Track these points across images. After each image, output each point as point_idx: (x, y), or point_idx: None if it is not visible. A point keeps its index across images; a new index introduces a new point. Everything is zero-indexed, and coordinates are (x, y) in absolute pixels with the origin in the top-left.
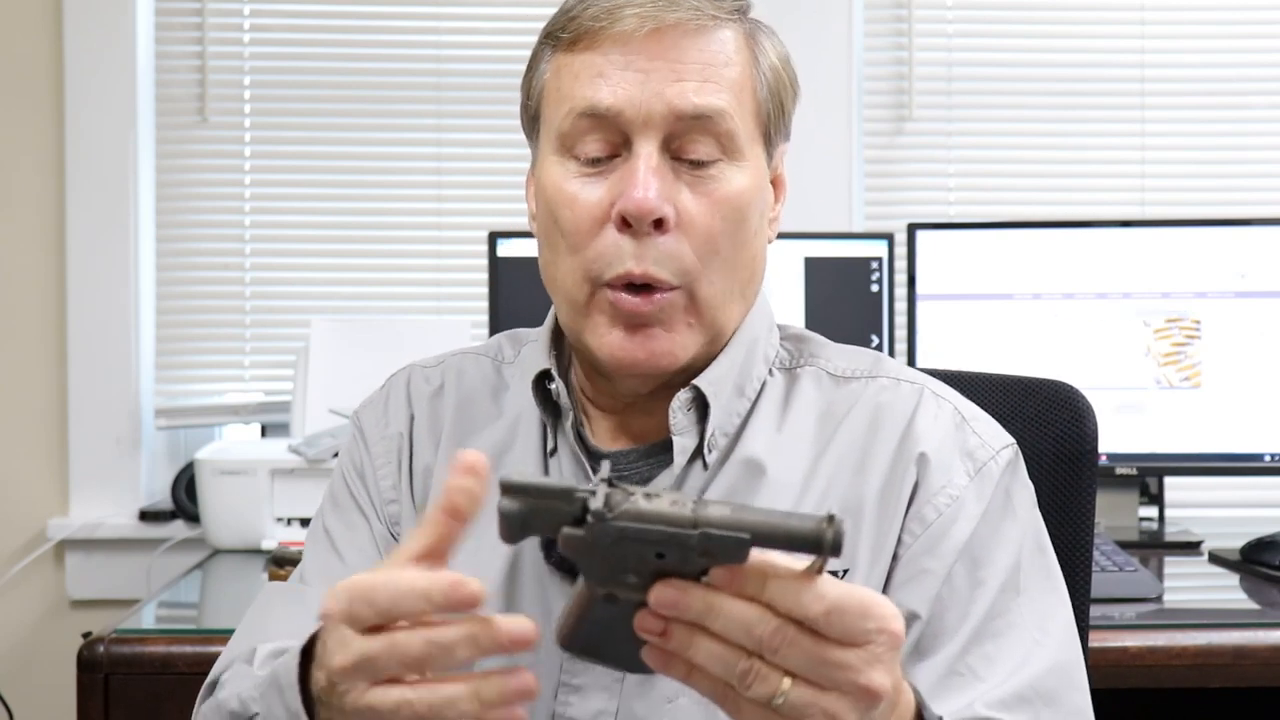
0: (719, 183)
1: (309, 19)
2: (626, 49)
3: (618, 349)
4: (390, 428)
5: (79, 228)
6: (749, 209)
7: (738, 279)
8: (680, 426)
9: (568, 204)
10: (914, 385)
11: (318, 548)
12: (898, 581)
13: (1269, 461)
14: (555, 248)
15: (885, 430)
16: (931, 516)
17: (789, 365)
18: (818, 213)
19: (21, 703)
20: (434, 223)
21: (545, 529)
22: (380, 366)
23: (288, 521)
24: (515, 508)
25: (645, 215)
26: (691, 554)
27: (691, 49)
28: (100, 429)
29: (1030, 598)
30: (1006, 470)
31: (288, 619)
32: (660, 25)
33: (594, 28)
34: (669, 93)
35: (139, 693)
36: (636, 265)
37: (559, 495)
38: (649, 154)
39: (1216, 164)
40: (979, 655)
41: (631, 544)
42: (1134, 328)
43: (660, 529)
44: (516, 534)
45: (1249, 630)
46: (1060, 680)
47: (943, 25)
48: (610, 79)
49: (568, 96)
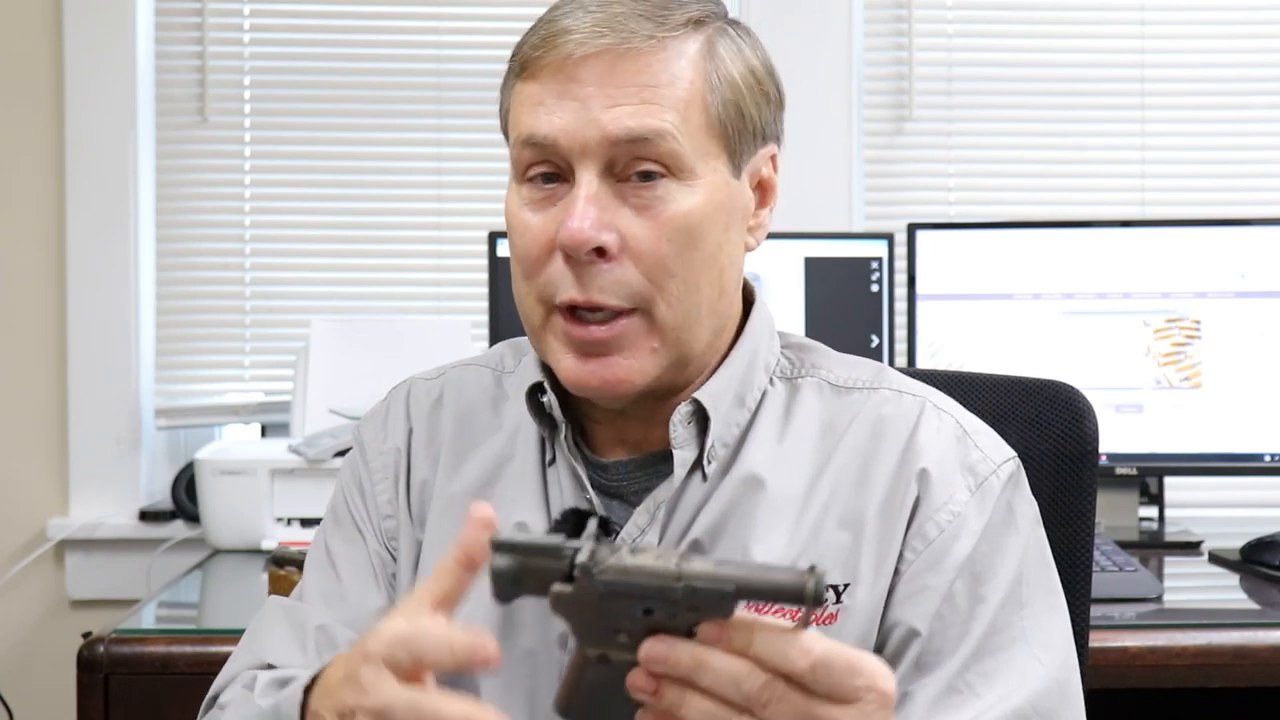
0: (665, 204)
1: (309, 19)
2: (563, 76)
3: (572, 374)
4: (388, 442)
5: (79, 228)
6: (700, 228)
7: (702, 298)
8: (681, 440)
9: (520, 231)
10: (916, 398)
11: (318, 566)
12: (899, 597)
13: (1269, 461)
14: (515, 273)
15: (887, 444)
16: (934, 533)
17: (790, 375)
18: (818, 213)
19: (21, 703)
20: (434, 223)
21: (535, 587)
22: (380, 366)
23: (288, 521)
24: (506, 565)
25: (580, 246)
26: (678, 608)
27: (629, 71)
28: (100, 429)
29: (1032, 613)
30: (1008, 484)
31: (286, 639)
32: (596, 50)
33: (534, 56)
34: (604, 119)
35: (139, 693)
36: (580, 294)
37: (548, 552)
38: (589, 181)
39: (1216, 164)
40: (978, 673)
41: (618, 600)
42: (1134, 328)
43: (645, 582)
44: (508, 591)
45: (1249, 630)
46: (1058, 699)
47: (943, 25)
48: (549, 107)
49: (515, 125)
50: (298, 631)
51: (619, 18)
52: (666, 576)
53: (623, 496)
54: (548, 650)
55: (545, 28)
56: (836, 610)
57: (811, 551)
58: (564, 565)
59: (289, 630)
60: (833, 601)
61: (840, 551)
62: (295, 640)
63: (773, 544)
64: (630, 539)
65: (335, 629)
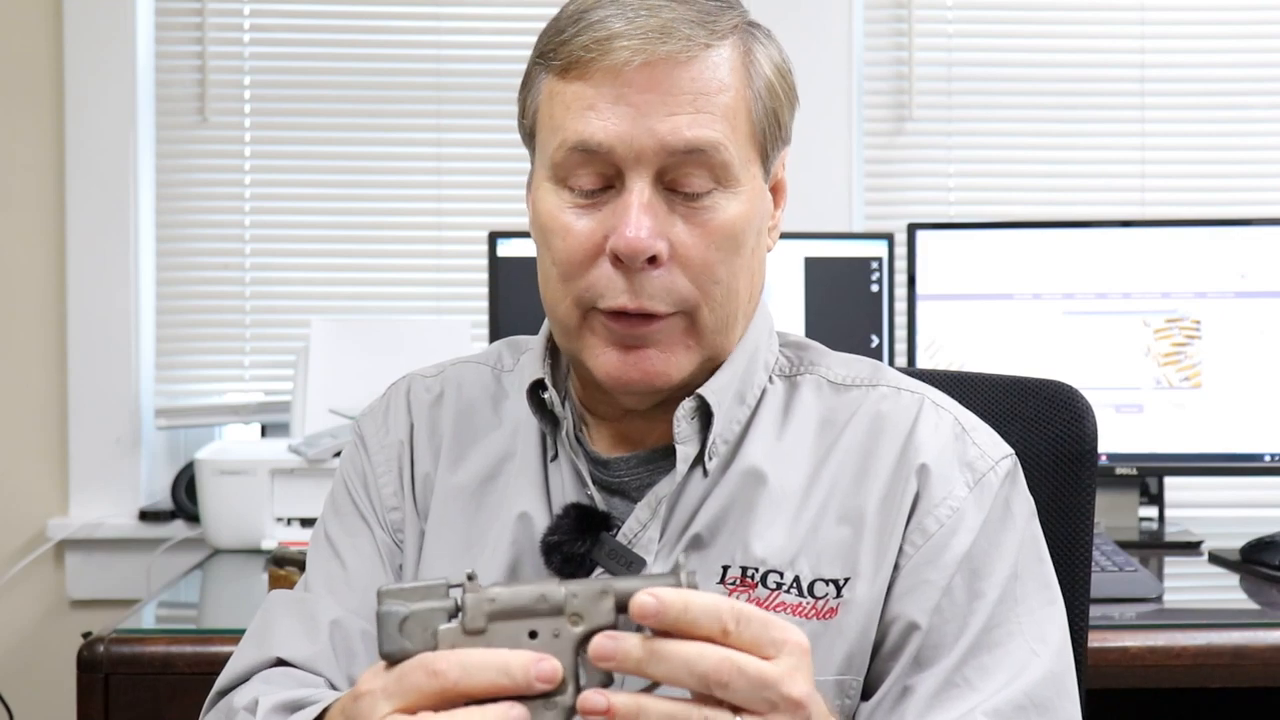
0: (713, 213)
1: (309, 19)
2: (617, 82)
3: (614, 369)
4: (391, 435)
5: (79, 228)
6: (743, 235)
7: (739, 301)
8: (684, 435)
9: (561, 234)
10: (914, 395)
11: (321, 556)
12: (899, 592)
13: (1269, 461)
14: (548, 275)
15: (886, 439)
16: (933, 528)
17: (789, 373)
18: (818, 213)
19: (21, 703)
20: (434, 223)
21: (422, 631)
22: (380, 366)
23: (288, 521)
24: (393, 609)
25: (637, 255)
26: (562, 619)
27: (684, 79)
28: (100, 429)
29: (1028, 608)
30: (1006, 481)
31: (295, 631)
32: (652, 59)
33: (585, 58)
34: (661, 128)
35: (139, 693)
36: (631, 300)
37: (433, 591)
38: (641, 189)
39: (1216, 164)
40: (975, 666)
41: (503, 621)
42: (1134, 328)
43: (529, 589)
44: (393, 639)
45: (1249, 630)
46: (1054, 690)
47: (943, 25)
48: (601, 113)
49: (560, 127)
50: (307, 623)
51: (672, 24)
52: (550, 588)
53: (624, 492)
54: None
55: (591, 30)
56: (837, 605)
57: (811, 546)
58: (449, 604)
59: (297, 622)
60: (834, 595)
61: (840, 546)
62: (304, 632)
63: (773, 538)
64: (632, 534)
65: (349, 622)
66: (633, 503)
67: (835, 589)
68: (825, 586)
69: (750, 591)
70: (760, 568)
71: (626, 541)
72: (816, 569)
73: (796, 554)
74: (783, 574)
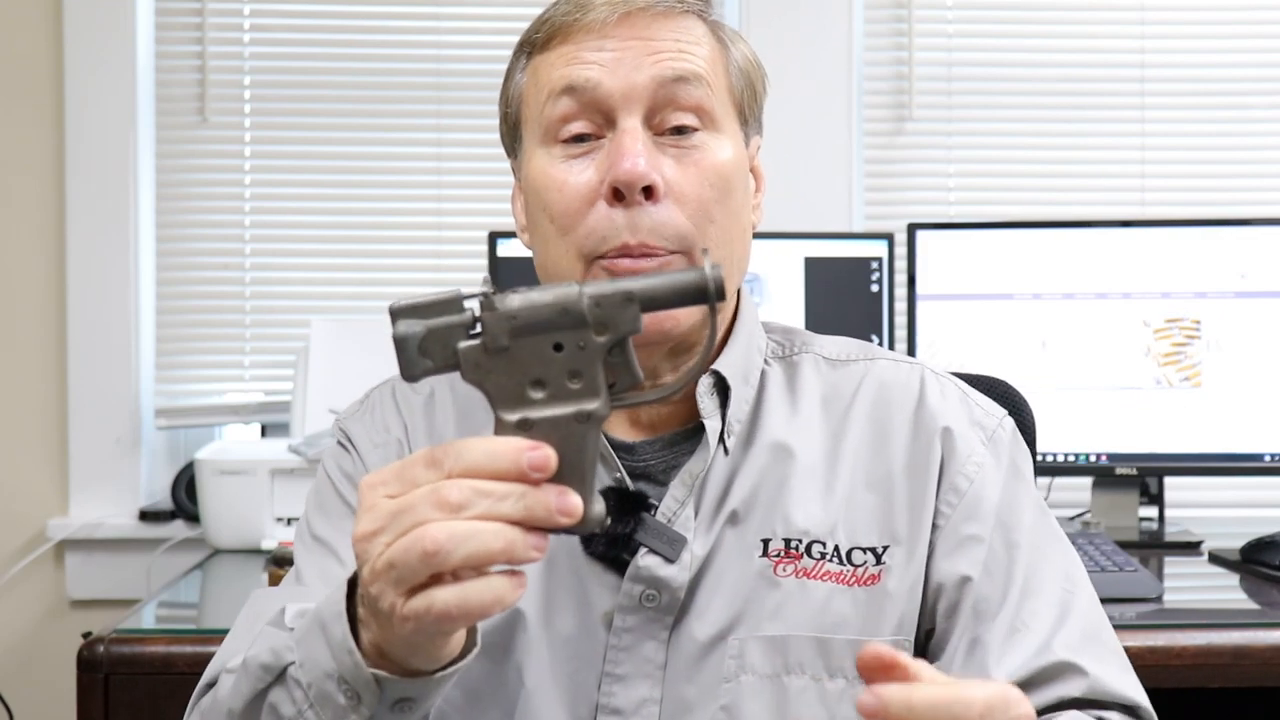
0: (703, 152)
1: (309, 19)
2: (599, 35)
3: None
4: (386, 434)
5: (79, 228)
6: (733, 179)
7: (734, 250)
8: (709, 410)
9: (556, 188)
10: (914, 365)
11: (313, 554)
12: (943, 550)
13: (1269, 461)
14: (546, 237)
15: (896, 408)
16: (964, 485)
17: (783, 354)
18: (818, 213)
19: (21, 703)
20: (434, 223)
21: (442, 349)
22: (380, 367)
23: (287, 521)
24: (411, 330)
25: (636, 182)
26: (586, 331)
27: (664, 28)
28: (100, 429)
29: (1054, 550)
30: (1012, 436)
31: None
32: (630, 10)
33: (565, 22)
34: (646, 63)
35: (139, 693)
36: (632, 236)
37: (448, 305)
38: (634, 127)
39: (1216, 164)
40: (1029, 611)
41: (527, 338)
42: (1134, 328)
43: (550, 301)
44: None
45: (1249, 630)
46: (1098, 619)
47: (943, 25)
48: (586, 60)
49: (545, 84)
50: None
51: None
52: (569, 293)
53: (650, 476)
54: (589, 633)
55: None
56: (878, 571)
57: (846, 515)
58: (467, 318)
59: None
60: (873, 563)
61: (871, 513)
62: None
63: (812, 509)
64: (670, 512)
65: None
66: (659, 485)
67: (874, 557)
68: (863, 555)
69: (796, 562)
70: (804, 538)
71: (665, 520)
72: (852, 537)
73: (835, 524)
74: (825, 543)
